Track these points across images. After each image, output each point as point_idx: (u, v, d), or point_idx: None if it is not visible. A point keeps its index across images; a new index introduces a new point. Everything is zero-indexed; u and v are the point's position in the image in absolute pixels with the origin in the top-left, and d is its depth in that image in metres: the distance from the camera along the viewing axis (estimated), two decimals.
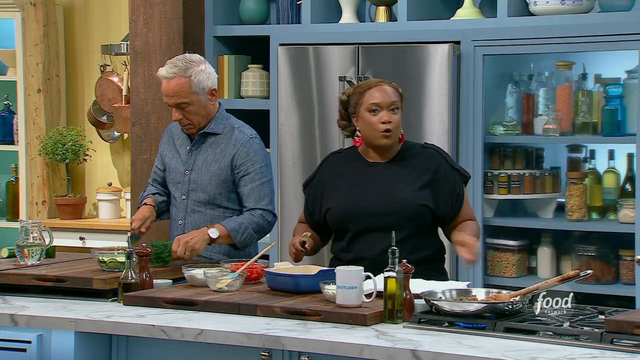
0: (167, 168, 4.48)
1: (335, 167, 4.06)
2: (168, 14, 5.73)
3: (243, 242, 4.25)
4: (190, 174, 4.38)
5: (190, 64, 4.30)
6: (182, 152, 4.43)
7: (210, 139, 4.38)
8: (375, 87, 3.93)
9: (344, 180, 4.00)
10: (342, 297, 3.43)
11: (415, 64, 5.19)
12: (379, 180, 3.94)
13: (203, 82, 4.30)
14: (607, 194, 5.09)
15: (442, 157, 3.98)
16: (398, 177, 3.93)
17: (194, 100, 4.29)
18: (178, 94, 4.27)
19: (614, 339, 3.03)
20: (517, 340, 3.13)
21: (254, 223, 4.27)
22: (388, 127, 3.89)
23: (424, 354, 3.04)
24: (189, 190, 4.39)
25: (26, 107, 6.63)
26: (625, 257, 4.96)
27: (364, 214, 3.91)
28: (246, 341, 3.29)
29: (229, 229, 4.21)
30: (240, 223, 4.25)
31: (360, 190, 3.94)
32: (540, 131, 5.11)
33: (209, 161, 4.36)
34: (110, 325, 3.50)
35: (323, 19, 5.67)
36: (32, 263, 4.07)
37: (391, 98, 3.91)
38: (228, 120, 4.42)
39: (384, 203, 3.90)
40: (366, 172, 3.97)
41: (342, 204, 3.96)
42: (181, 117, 4.32)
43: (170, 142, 4.50)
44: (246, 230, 4.24)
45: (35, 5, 6.57)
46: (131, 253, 3.75)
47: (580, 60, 5.11)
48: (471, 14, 5.33)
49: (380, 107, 3.90)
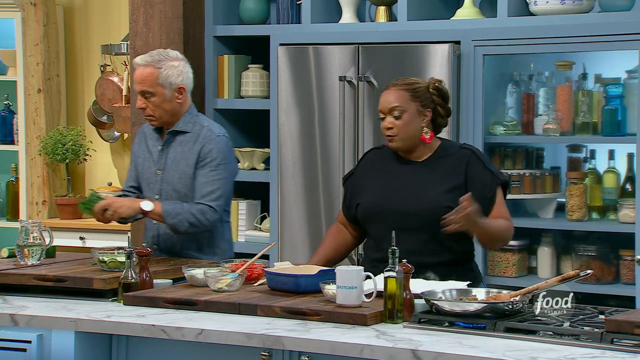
0: (141, 169, 4.50)
1: (373, 162, 4.06)
2: (168, 14, 5.74)
3: (172, 225, 4.28)
4: (162, 173, 4.42)
5: (165, 57, 4.39)
6: (154, 152, 4.47)
7: (180, 137, 4.42)
8: (383, 92, 3.95)
9: (377, 177, 3.99)
10: (342, 297, 3.43)
11: (416, 63, 5.19)
12: (409, 180, 3.93)
13: (171, 77, 4.36)
14: (607, 194, 5.09)
15: (475, 158, 3.93)
16: (429, 178, 3.90)
17: (159, 92, 4.35)
18: (144, 81, 4.34)
19: (614, 338, 3.04)
20: (517, 340, 3.13)
21: (190, 215, 4.26)
22: (389, 133, 3.89)
23: (424, 354, 3.04)
24: (161, 190, 4.42)
25: (26, 107, 6.63)
26: (626, 257, 4.96)
27: (389, 213, 3.89)
28: (246, 341, 3.29)
29: (164, 210, 4.26)
30: (177, 209, 4.26)
31: (389, 189, 3.94)
32: (540, 131, 5.11)
33: (178, 159, 4.39)
34: (111, 325, 3.50)
35: (323, 19, 5.67)
36: (32, 263, 4.08)
37: (392, 104, 3.89)
38: (197, 119, 4.46)
39: (409, 203, 3.88)
40: (398, 171, 3.96)
41: (370, 201, 3.96)
42: (144, 106, 4.37)
43: (142, 142, 4.53)
44: (178, 216, 4.26)
45: (35, 5, 6.57)
46: (131, 253, 3.75)
47: (581, 60, 5.11)
48: (471, 13, 5.33)
49: (383, 113, 3.92)
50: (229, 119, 5.99)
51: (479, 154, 3.95)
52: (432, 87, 3.94)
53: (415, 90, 3.90)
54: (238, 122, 6.03)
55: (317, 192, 5.46)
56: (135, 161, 4.55)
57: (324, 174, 5.43)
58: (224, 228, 4.47)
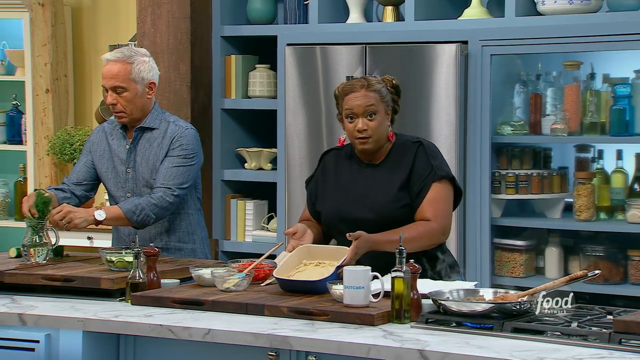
0: (104, 168, 4.49)
1: (332, 165, 4.04)
2: (175, 14, 5.75)
3: (139, 222, 4.29)
4: (133, 171, 4.43)
5: (135, 53, 4.40)
6: (121, 151, 4.46)
7: (147, 134, 4.43)
8: (353, 93, 3.86)
9: (337, 182, 3.99)
10: (349, 297, 3.43)
11: (423, 63, 5.19)
12: (365, 185, 3.92)
13: (144, 72, 4.38)
14: (615, 194, 5.09)
15: (422, 150, 3.89)
16: (385, 181, 3.89)
17: (131, 88, 4.36)
18: (117, 76, 4.35)
19: (622, 339, 3.02)
20: (524, 341, 3.12)
21: (151, 204, 4.29)
22: (363, 135, 3.85)
23: (431, 354, 3.03)
24: (134, 188, 4.43)
25: (34, 107, 6.63)
26: (634, 257, 4.97)
27: (349, 221, 3.88)
28: (254, 341, 3.29)
29: (125, 210, 4.26)
30: (137, 204, 4.28)
31: (347, 196, 3.93)
32: (548, 131, 5.11)
33: (148, 156, 4.41)
34: (118, 325, 3.50)
35: (330, 19, 5.68)
36: (38, 262, 4.08)
37: (366, 104, 3.84)
38: (163, 115, 4.48)
39: (367, 210, 3.87)
40: (356, 175, 3.95)
41: (328, 208, 3.97)
42: (115, 102, 4.37)
43: (103, 141, 4.52)
44: (142, 212, 4.27)
45: (43, 5, 6.56)
46: (139, 253, 3.75)
47: (589, 60, 5.11)
48: (479, 13, 5.34)
49: (355, 115, 3.85)
50: (236, 119, 6.00)
51: (427, 146, 3.91)
52: (390, 86, 3.92)
53: (381, 90, 3.87)
54: (245, 122, 6.04)
55: None
56: (95, 160, 4.51)
57: None
58: (199, 216, 4.53)
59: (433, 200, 3.86)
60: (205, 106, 5.91)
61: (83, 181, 4.53)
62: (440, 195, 3.87)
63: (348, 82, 3.94)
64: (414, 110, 5.20)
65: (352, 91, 3.86)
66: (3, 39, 6.85)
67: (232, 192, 6.00)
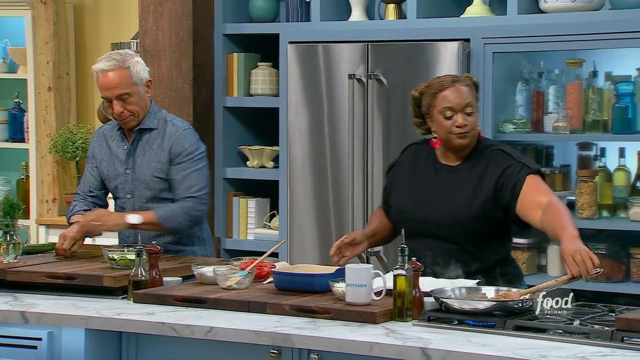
0: (105, 172, 4.48)
1: (411, 159, 3.96)
2: (178, 12, 5.76)
3: (172, 229, 4.31)
4: (132, 172, 4.41)
5: (125, 56, 4.35)
6: (120, 153, 4.45)
7: (146, 135, 4.41)
8: (448, 89, 3.78)
9: (412, 178, 3.92)
10: (351, 295, 3.44)
11: (425, 61, 5.19)
12: (439, 188, 3.83)
13: (141, 72, 4.35)
14: (617, 192, 5.07)
15: (502, 153, 3.82)
16: (460, 187, 3.80)
17: (135, 91, 4.33)
18: (119, 84, 4.29)
19: (624, 337, 3.03)
20: (527, 339, 3.13)
21: (184, 213, 4.31)
22: (463, 130, 3.76)
23: (433, 352, 3.04)
24: (134, 189, 4.42)
25: (37, 105, 6.66)
26: (636, 255, 4.96)
27: (417, 221, 3.82)
28: (256, 339, 3.30)
29: (159, 216, 4.27)
30: (172, 211, 4.30)
31: (419, 195, 3.86)
32: (550, 129, 5.10)
33: (148, 157, 4.39)
34: (121, 323, 3.51)
35: (333, 17, 5.68)
36: (9, 261, 4.08)
37: (465, 100, 3.76)
38: (161, 114, 4.46)
39: (435, 214, 3.80)
40: (432, 176, 3.87)
41: (399, 205, 3.91)
42: (122, 110, 4.33)
43: (104, 145, 4.50)
44: (176, 218, 4.30)
45: (45, 3, 6.60)
46: (141, 251, 3.76)
47: (591, 58, 5.10)
48: (481, 11, 5.34)
49: (454, 111, 3.76)
50: (238, 117, 6.01)
51: (506, 150, 3.85)
52: (472, 83, 3.86)
53: (470, 86, 3.81)
54: (247, 120, 6.05)
55: (326, 189, 5.46)
56: (98, 165, 4.50)
57: (333, 171, 5.44)
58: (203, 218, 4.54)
59: (535, 185, 3.73)
60: (207, 104, 5.91)
61: (95, 190, 4.52)
62: (538, 181, 3.75)
63: (436, 80, 3.86)
64: None
65: (446, 87, 3.78)
66: (5, 37, 6.88)
67: (234, 190, 6.01)
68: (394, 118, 5.28)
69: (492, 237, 3.81)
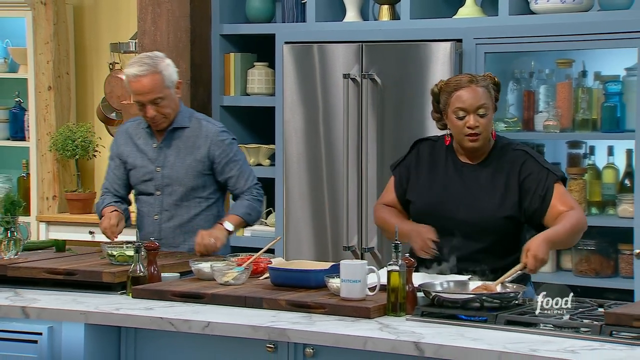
0: (133, 168, 4.48)
1: (427, 155, 3.92)
2: (175, 13, 5.75)
3: (254, 220, 4.52)
4: (163, 169, 4.42)
5: (157, 60, 4.35)
6: (148, 150, 4.45)
7: (178, 133, 4.43)
8: (463, 89, 3.74)
9: (432, 175, 3.88)
10: (346, 291, 3.46)
11: (418, 61, 5.19)
12: (464, 186, 3.81)
13: (172, 75, 4.37)
14: (606, 189, 5.09)
15: (529, 158, 3.79)
16: (484, 185, 3.79)
17: (167, 94, 4.34)
18: (153, 90, 4.30)
19: (613, 331, 3.06)
20: (517, 333, 3.15)
21: (257, 202, 4.49)
22: (474, 131, 3.73)
23: (426, 346, 3.06)
24: (164, 186, 4.42)
25: (37, 104, 6.65)
26: (624, 251, 4.97)
27: (442, 219, 3.79)
28: (252, 333, 3.32)
29: (241, 214, 4.42)
30: (248, 206, 4.45)
31: (444, 193, 3.82)
32: (540, 127, 5.11)
33: (182, 155, 4.40)
34: (119, 318, 3.53)
35: (328, 18, 5.67)
36: (10, 257, 4.10)
37: (479, 101, 3.72)
38: (191, 113, 4.49)
39: (464, 212, 3.77)
40: (454, 174, 3.84)
41: (423, 202, 3.86)
42: (155, 114, 4.34)
43: (129, 143, 4.50)
44: (254, 210, 4.47)
45: (45, 4, 6.58)
46: (139, 247, 3.77)
47: (580, 58, 5.11)
48: (473, 12, 5.34)
49: (466, 112, 3.73)
50: (235, 115, 6.01)
51: (532, 154, 3.81)
52: (492, 82, 3.82)
53: (488, 86, 3.77)
54: (244, 118, 6.04)
55: (321, 187, 5.46)
56: (123, 161, 4.50)
57: (328, 169, 5.44)
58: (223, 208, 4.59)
59: (562, 195, 3.75)
60: (204, 103, 5.90)
61: (119, 189, 4.54)
62: (563, 191, 3.77)
63: (454, 78, 3.82)
64: (410, 107, 5.22)
65: (461, 87, 3.74)
66: (6, 37, 6.86)
67: None
68: (387, 116, 5.28)
69: (515, 236, 3.81)
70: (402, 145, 5.13)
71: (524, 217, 3.78)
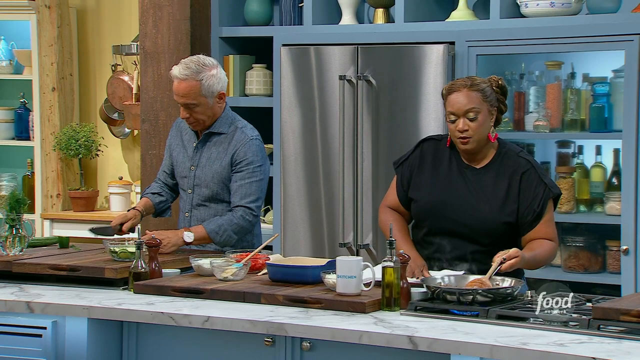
0: (175, 162, 4.52)
1: (430, 154, 3.91)
2: (176, 16, 5.76)
3: (222, 242, 4.32)
4: (196, 169, 4.44)
5: (202, 68, 4.32)
6: (189, 148, 4.48)
7: (215, 137, 4.42)
8: (455, 93, 3.75)
9: (435, 174, 3.88)
10: (342, 286, 3.48)
11: (412, 63, 5.21)
12: (467, 189, 3.81)
13: (213, 86, 4.33)
14: (594, 188, 5.11)
15: (532, 169, 3.78)
16: (486, 189, 3.79)
17: (202, 102, 4.32)
18: (187, 95, 4.30)
19: (600, 325, 3.10)
20: (508, 327, 3.19)
21: (233, 224, 4.32)
22: (463, 135, 3.74)
23: (420, 340, 3.09)
24: (194, 185, 4.44)
25: (41, 105, 6.66)
26: (612, 247, 5.01)
27: (444, 219, 3.81)
28: (251, 328, 3.34)
29: (209, 230, 4.28)
30: (220, 225, 4.30)
31: (446, 194, 3.82)
32: (531, 128, 5.13)
33: (212, 159, 4.41)
34: (122, 313, 3.55)
35: (324, 21, 5.69)
36: (15, 253, 4.14)
37: (467, 105, 3.72)
38: (233, 121, 4.46)
39: (465, 214, 3.78)
40: (457, 176, 3.84)
41: (426, 202, 3.86)
42: (188, 116, 4.36)
43: (178, 136, 4.54)
44: (225, 232, 4.30)
45: (49, 7, 6.60)
46: (141, 244, 3.80)
47: (569, 60, 5.13)
48: (465, 15, 5.35)
49: (456, 115, 3.74)
50: None
51: (535, 165, 3.80)
52: (495, 86, 3.81)
53: (484, 90, 3.75)
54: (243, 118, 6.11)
55: (318, 185, 5.48)
56: (170, 152, 4.55)
57: (325, 168, 5.46)
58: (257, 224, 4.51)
59: (549, 220, 3.78)
60: None
61: (169, 180, 4.58)
62: (551, 215, 3.79)
63: (452, 82, 3.83)
64: (403, 108, 5.24)
65: (455, 91, 3.75)
66: (11, 40, 6.88)
67: None
68: (382, 117, 5.30)
69: (512, 237, 3.82)
70: (396, 144, 5.22)
71: (518, 225, 3.81)
